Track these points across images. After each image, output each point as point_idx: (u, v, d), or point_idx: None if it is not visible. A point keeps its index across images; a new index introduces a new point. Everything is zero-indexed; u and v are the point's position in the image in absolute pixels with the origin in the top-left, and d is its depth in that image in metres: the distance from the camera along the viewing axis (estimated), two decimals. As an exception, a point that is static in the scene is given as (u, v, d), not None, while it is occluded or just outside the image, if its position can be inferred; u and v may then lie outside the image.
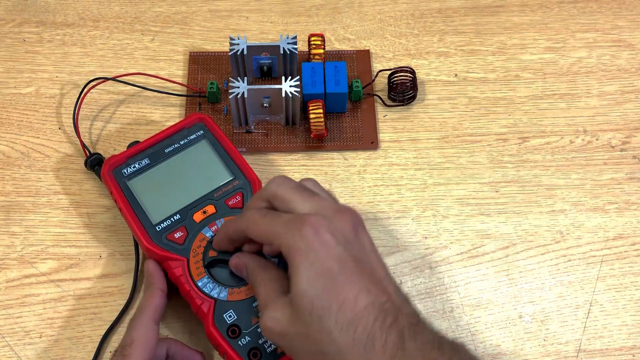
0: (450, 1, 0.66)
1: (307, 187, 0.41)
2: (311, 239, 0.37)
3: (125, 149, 0.51)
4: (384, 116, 0.59)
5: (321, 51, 0.58)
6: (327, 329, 0.35)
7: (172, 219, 0.48)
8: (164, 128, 0.52)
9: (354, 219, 0.39)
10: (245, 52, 0.57)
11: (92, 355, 0.47)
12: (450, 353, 0.35)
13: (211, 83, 0.58)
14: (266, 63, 0.59)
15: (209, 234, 0.47)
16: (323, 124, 0.55)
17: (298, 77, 0.55)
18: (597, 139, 0.58)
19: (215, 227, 0.48)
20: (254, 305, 0.45)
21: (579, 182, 0.55)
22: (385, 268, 0.39)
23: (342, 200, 0.52)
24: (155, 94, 0.59)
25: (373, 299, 0.36)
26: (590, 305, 0.50)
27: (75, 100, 0.57)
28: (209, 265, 0.46)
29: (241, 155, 0.51)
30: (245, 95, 0.54)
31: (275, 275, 0.40)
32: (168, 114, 0.59)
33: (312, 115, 0.55)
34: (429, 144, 0.57)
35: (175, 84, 0.60)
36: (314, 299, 0.36)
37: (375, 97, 0.60)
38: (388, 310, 0.36)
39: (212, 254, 0.46)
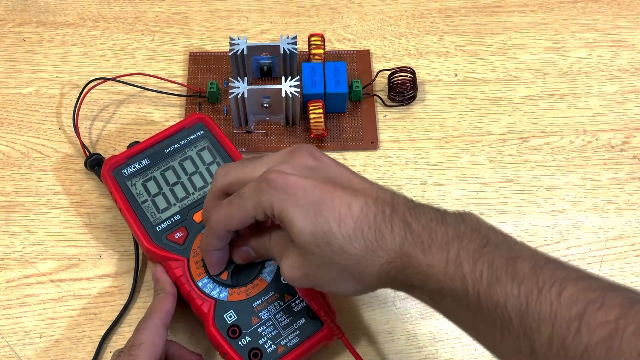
0: (450, 1, 0.66)
1: (248, 158, 0.43)
2: (283, 187, 0.37)
3: (125, 149, 0.51)
4: (384, 116, 0.59)
5: (321, 51, 0.58)
6: (338, 247, 0.36)
7: (172, 219, 0.48)
8: (164, 128, 0.52)
9: (307, 150, 0.40)
10: (245, 52, 0.57)
11: (92, 355, 0.47)
12: (454, 224, 0.36)
13: (211, 83, 0.58)
14: (266, 63, 0.59)
15: (209, 234, 0.47)
16: (323, 124, 0.55)
17: (298, 77, 0.55)
18: (597, 139, 0.58)
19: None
20: (254, 305, 0.45)
21: (579, 182, 0.55)
22: (357, 175, 0.40)
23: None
24: (155, 94, 0.59)
25: (364, 201, 0.37)
26: (590, 305, 0.50)
27: (75, 100, 0.57)
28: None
29: (241, 156, 0.51)
30: (245, 95, 0.54)
31: (277, 233, 0.41)
32: (168, 114, 0.59)
33: (312, 115, 0.55)
34: (429, 144, 0.57)
35: (175, 84, 0.60)
36: (313, 230, 0.37)
37: (375, 97, 0.60)
38: (383, 204, 0.37)
39: (224, 276, 0.46)
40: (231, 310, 0.45)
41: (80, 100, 0.57)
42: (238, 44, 0.57)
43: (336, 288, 0.39)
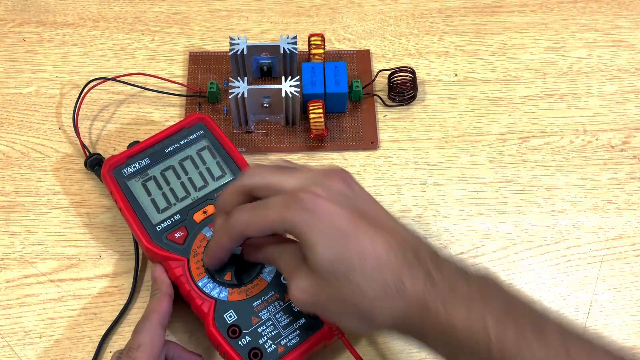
0: (450, 1, 0.66)
1: (283, 165, 0.41)
2: (312, 209, 0.36)
3: (125, 149, 0.51)
4: (384, 116, 0.59)
5: (321, 51, 0.58)
6: (356, 284, 0.35)
7: (172, 219, 0.48)
8: (164, 128, 0.52)
9: (342, 175, 0.40)
10: (245, 52, 0.57)
11: (92, 355, 0.47)
12: (477, 283, 0.35)
13: (211, 83, 0.58)
14: (266, 63, 0.59)
15: (209, 234, 0.47)
16: (323, 124, 0.55)
17: (298, 77, 0.55)
18: (597, 139, 0.58)
19: (216, 227, 0.48)
20: (254, 305, 0.45)
21: (579, 182, 0.55)
22: (385, 211, 0.39)
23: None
24: (155, 94, 0.59)
25: (390, 242, 0.36)
26: (590, 305, 0.50)
27: (75, 100, 0.57)
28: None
29: (241, 155, 0.51)
30: (245, 95, 0.54)
31: (291, 248, 0.40)
32: (168, 114, 0.59)
33: (312, 115, 0.55)
34: (429, 144, 0.57)
35: (175, 84, 0.60)
36: (334, 261, 0.36)
37: (375, 97, 0.60)
38: (407, 249, 0.36)
39: (228, 276, 0.46)
40: (231, 310, 0.45)
41: (80, 100, 0.57)
42: (238, 44, 0.57)
43: (343, 322, 0.38)
